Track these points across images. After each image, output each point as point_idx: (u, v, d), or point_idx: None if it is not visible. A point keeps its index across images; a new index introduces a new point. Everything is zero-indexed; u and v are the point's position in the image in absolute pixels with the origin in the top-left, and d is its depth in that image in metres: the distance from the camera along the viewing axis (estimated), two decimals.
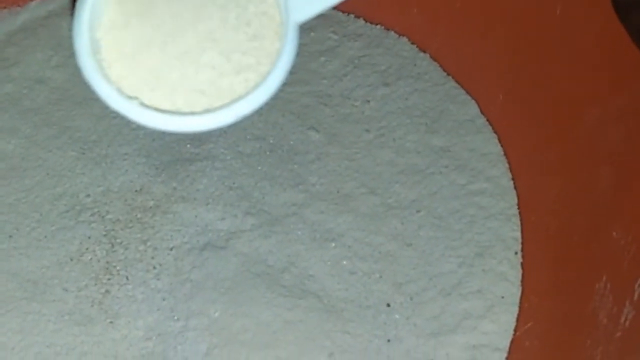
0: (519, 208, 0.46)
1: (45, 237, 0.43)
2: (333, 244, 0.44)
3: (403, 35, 0.52)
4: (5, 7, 0.51)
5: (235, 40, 0.30)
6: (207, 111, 0.30)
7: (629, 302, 0.38)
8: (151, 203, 0.44)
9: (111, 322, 0.41)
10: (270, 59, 0.30)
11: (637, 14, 0.31)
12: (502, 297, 0.43)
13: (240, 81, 0.30)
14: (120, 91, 0.30)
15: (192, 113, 0.30)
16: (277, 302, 0.42)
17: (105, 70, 0.30)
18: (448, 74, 0.50)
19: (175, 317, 0.41)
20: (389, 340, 0.42)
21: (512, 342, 0.43)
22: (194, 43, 0.30)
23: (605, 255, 0.41)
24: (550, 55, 0.46)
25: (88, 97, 0.46)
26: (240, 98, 0.30)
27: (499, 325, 0.43)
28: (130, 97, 0.30)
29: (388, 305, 0.43)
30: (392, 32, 0.52)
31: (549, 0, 0.45)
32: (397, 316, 0.42)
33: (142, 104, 0.30)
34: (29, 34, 0.50)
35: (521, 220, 0.46)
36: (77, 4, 0.30)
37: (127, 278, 0.42)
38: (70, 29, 0.30)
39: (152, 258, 0.43)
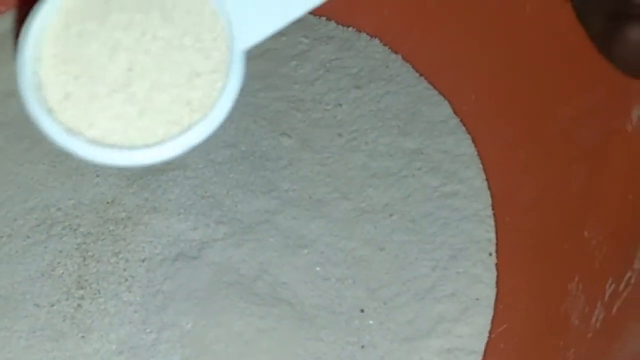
0: (493, 209, 0.46)
1: (17, 252, 0.43)
2: (305, 251, 0.44)
3: (375, 37, 0.51)
4: None
5: (181, 69, 0.30)
6: (154, 144, 0.29)
7: (600, 303, 0.38)
8: (123, 215, 0.44)
9: (83, 337, 0.41)
10: (217, 86, 0.30)
11: (595, 20, 0.31)
12: (477, 299, 0.43)
13: (187, 111, 0.30)
14: (64, 127, 0.29)
15: (140, 146, 0.29)
16: (250, 311, 0.42)
17: (49, 105, 0.29)
18: (420, 75, 0.50)
19: (148, 330, 0.41)
20: (362, 346, 0.42)
21: (487, 344, 0.43)
22: (139, 74, 0.30)
23: (577, 255, 0.41)
24: (522, 54, 0.46)
25: None
26: (187, 129, 0.30)
27: (474, 328, 0.43)
28: (74, 133, 0.29)
29: (362, 310, 0.43)
30: (364, 34, 0.52)
31: (518, 0, 0.45)
32: (370, 322, 0.42)
33: (87, 140, 0.29)
34: None
35: (495, 221, 0.46)
36: (20, 39, 0.29)
37: (99, 291, 0.42)
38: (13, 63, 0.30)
39: (124, 270, 0.43)
